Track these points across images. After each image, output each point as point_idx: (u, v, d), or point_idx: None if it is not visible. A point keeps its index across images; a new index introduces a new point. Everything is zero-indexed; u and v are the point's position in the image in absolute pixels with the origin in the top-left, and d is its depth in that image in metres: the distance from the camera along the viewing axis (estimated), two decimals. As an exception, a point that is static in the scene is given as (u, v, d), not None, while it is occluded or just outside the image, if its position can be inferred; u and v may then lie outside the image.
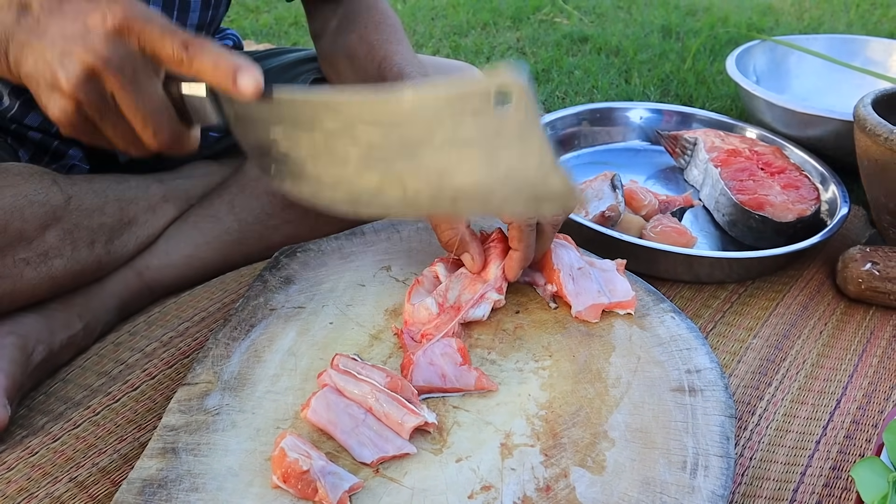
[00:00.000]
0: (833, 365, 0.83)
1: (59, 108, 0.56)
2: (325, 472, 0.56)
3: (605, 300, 0.75)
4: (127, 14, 0.55)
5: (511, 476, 0.59)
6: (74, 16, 0.55)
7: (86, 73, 0.55)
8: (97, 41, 0.54)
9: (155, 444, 0.60)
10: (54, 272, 0.76)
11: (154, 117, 0.57)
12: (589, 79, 1.55)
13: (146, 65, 0.56)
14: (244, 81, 0.55)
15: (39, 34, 0.56)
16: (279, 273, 0.80)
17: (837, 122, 1.11)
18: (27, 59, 0.56)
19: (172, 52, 0.56)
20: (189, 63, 0.56)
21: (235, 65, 0.56)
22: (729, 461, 0.60)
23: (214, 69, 0.56)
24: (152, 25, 0.56)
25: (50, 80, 0.56)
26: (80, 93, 0.55)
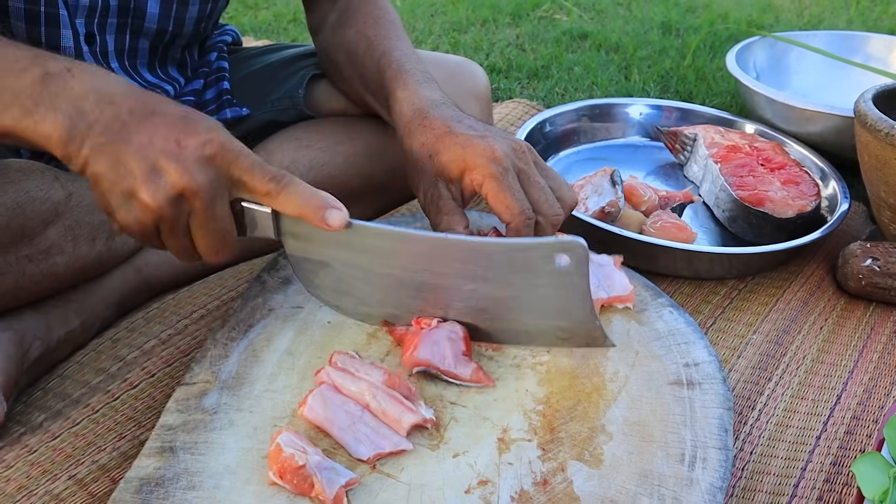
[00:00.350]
0: (833, 361, 0.83)
1: (133, 217, 0.59)
2: (322, 467, 0.56)
3: (604, 294, 0.75)
4: (225, 146, 0.59)
5: (508, 471, 0.59)
6: (167, 132, 0.58)
7: (177, 193, 0.58)
8: (192, 165, 0.57)
9: (153, 444, 0.60)
10: (56, 269, 0.76)
11: (219, 237, 0.61)
12: (588, 75, 1.55)
13: (225, 190, 0.60)
14: (333, 218, 0.61)
15: (125, 139, 0.57)
16: (277, 274, 0.80)
17: (838, 118, 1.10)
18: (103, 161, 0.58)
19: (262, 186, 0.60)
20: (275, 196, 0.60)
21: (326, 203, 0.61)
22: (727, 453, 0.60)
23: (302, 206, 0.61)
24: (244, 158, 0.60)
25: (129, 188, 0.58)
26: (164, 210, 0.58)
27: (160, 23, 0.85)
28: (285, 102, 0.98)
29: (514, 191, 0.69)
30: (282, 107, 0.98)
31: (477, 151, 0.70)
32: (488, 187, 0.70)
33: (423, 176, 0.75)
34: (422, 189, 0.75)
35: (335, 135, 0.96)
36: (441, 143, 0.73)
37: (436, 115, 0.75)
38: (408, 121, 0.76)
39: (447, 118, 0.75)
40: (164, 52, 0.92)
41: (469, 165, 0.71)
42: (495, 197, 0.69)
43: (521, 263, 0.64)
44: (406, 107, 0.77)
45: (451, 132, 0.73)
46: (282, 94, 0.98)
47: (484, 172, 0.70)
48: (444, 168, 0.73)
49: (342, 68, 0.93)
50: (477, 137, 0.72)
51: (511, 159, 0.71)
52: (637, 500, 0.57)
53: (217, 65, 1.00)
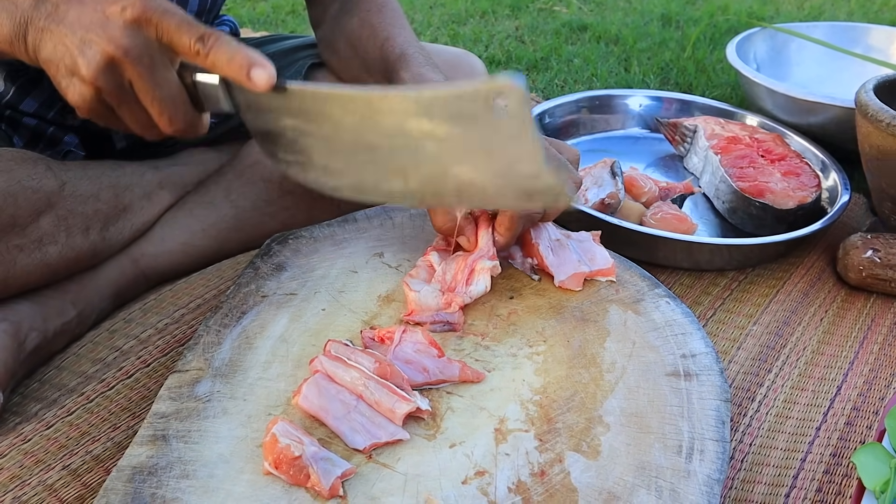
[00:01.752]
0: (833, 352, 0.82)
1: (78, 93, 0.59)
2: (318, 457, 0.56)
3: (586, 268, 0.75)
4: (146, 5, 0.57)
5: (505, 461, 0.58)
6: (94, 4, 0.58)
7: (105, 61, 0.57)
8: (117, 31, 0.57)
9: (145, 432, 0.60)
10: (48, 259, 0.76)
11: (169, 104, 0.60)
12: (588, 67, 1.55)
13: (163, 54, 0.59)
14: (258, 75, 0.58)
15: (58, 20, 0.58)
16: (271, 260, 0.79)
17: (838, 109, 1.10)
18: (46, 44, 0.58)
19: (189, 44, 0.58)
20: (205, 56, 0.58)
21: (250, 59, 0.58)
22: (724, 445, 0.60)
23: (229, 62, 0.58)
24: (170, 17, 0.58)
25: (69, 66, 0.58)
26: (99, 80, 0.57)
27: None
28: None
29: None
30: None
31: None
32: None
33: None
34: None
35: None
36: None
37: None
38: None
39: None
40: None
41: None
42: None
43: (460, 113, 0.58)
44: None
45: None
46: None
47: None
48: None
49: (343, 55, 0.92)
50: None
51: None
52: (635, 491, 0.56)
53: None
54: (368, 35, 0.87)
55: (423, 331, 0.67)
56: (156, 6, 0.58)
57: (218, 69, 0.59)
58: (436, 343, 0.66)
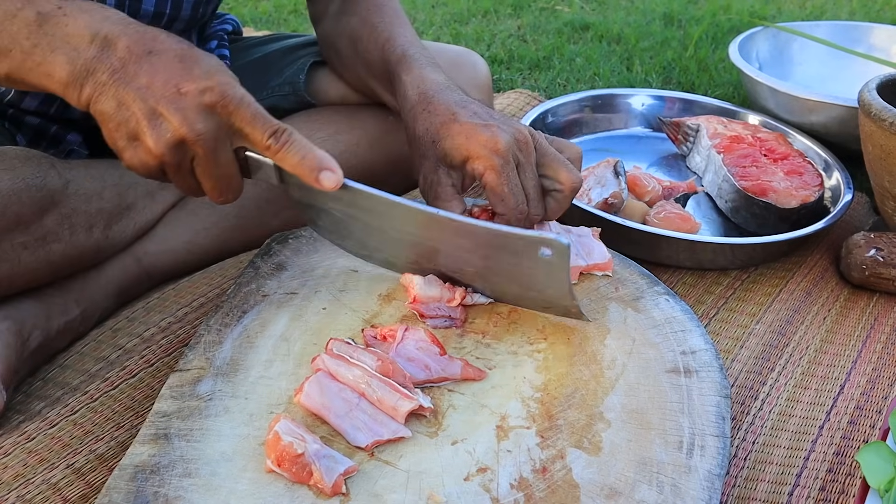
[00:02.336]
0: (837, 351, 0.82)
1: (138, 159, 0.60)
2: (320, 455, 0.56)
3: (583, 262, 0.76)
4: (224, 94, 0.59)
5: (507, 458, 0.58)
6: (167, 75, 0.58)
7: (177, 141, 0.59)
8: (192, 114, 0.58)
9: (147, 431, 0.60)
10: (52, 257, 0.76)
11: (224, 181, 0.63)
12: (590, 66, 1.55)
13: (227, 137, 0.61)
14: (327, 179, 0.62)
15: (125, 81, 0.59)
16: (271, 259, 0.80)
17: (841, 109, 1.10)
18: (108, 101, 0.59)
19: (262, 139, 0.61)
20: (275, 151, 0.61)
21: (321, 162, 0.61)
22: (725, 441, 0.60)
23: (300, 163, 0.61)
24: (245, 108, 0.60)
25: (133, 131, 0.59)
26: (167, 156, 0.59)
27: (158, 5, 0.85)
28: (286, 88, 0.98)
29: (512, 185, 0.71)
30: (282, 93, 0.98)
31: (480, 141, 0.71)
32: (488, 178, 0.71)
33: (424, 161, 0.75)
34: (422, 173, 0.76)
35: (335, 124, 0.96)
36: (445, 130, 0.73)
37: (440, 99, 0.75)
38: (412, 104, 0.77)
39: (452, 103, 0.75)
40: None
41: (472, 154, 0.71)
42: (493, 189, 0.71)
43: (507, 248, 0.65)
44: (411, 90, 0.78)
45: (455, 119, 0.73)
46: (282, 80, 0.98)
47: (486, 164, 0.71)
48: (447, 155, 0.73)
49: (344, 54, 0.92)
50: (481, 126, 0.72)
51: (513, 150, 0.71)
52: (636, 487, 0.56)
53: (218, 53, 1.00)
54: (369, 34, 0.87)
55: (425, 329, 0.68)
56: (233, 95, 0.59)
57: (284, 165, 0.61)
58: (437, 341, 0.66)
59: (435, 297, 0.71)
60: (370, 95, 0.93)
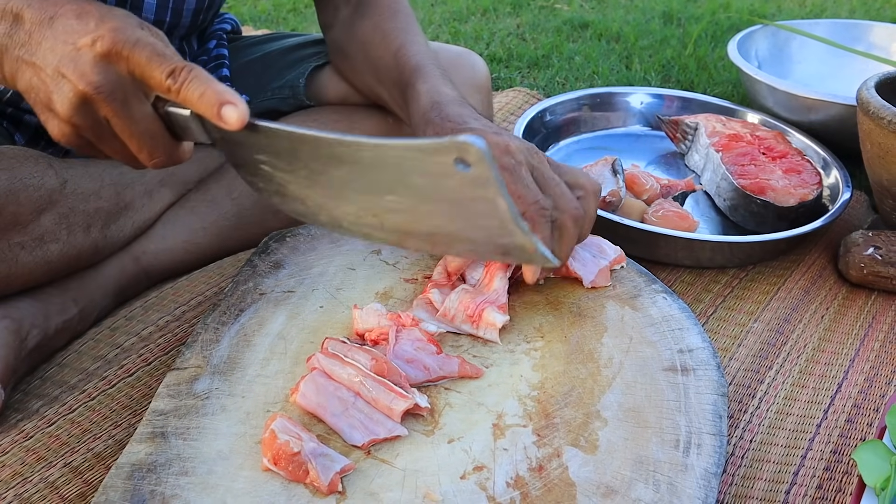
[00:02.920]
0: (835, 349, 0.82)
1: (56, 129, 0.58)
2: (317, 453, 0.56)
3: (605, 262, 0.76)
4: (115, 39, 0.56)
5: (503, 456, 0.58)
6: (65, 35, 0.56)
7: (79, 99, 0.56)
8: (87, 66, 0.55)
9: (144, 429, 0.60)
10: (50, 257, 0.76)
11: (148, 139, 0.59)
12: (589, 65, 1.54)
13: (136, 89, 0.57)
14: (228, 113, 0.56)
15: (32, 50, 0.57)
16: (268, 258, 0.80)
17: (840, 107, 1.10)
18: (23, 75, 0.58)
19: (160, 79, 0.56)
20: (176, 91, 0.57)
21: (220, 96, 0.56)
22: (721, 439, 0.60)
23: (199, 99, 0.56)
24: (140, 50, 0.56)
25: (45, 101, 0.57)
26: (74, 118, 0.57)
27: (158, 13, 0.85)
28: (286, 91, 0.98)
29: (527, 182, 0.68)
30: (282, 95, 0.98)
31: (491, 143, 0.70)
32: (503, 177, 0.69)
33: None
34: None
35: (334, 124, 0.96)
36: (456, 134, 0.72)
37: (452, 110, 0.75)
38: (424, 112, 0.76)
39: (464, 115, 0.75)
40: None
41: None
42: (507, 188, 0.68)
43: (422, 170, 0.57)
44: (425, 99, 0.77)
45: (466, 126, 0.73)
46: (282, 83, 0.98)
47: (498, 163, 0.69)
48: None
49: (355, 59, 0.92)
50: (491, 133, 0.71)
51: (524, 154, 0.70)
52: (632, 485, 0.56)
53: (216, 52, 1.00)
54: (381, 40, 0.87)
55: (420, 328, 0.67)
56: (126, 38, 0.56)
57: (189, 105, 0.57)
58: (433, 339, 0.66)
59: (372, 326, 0.68)
60: (376, 100, 0.93)
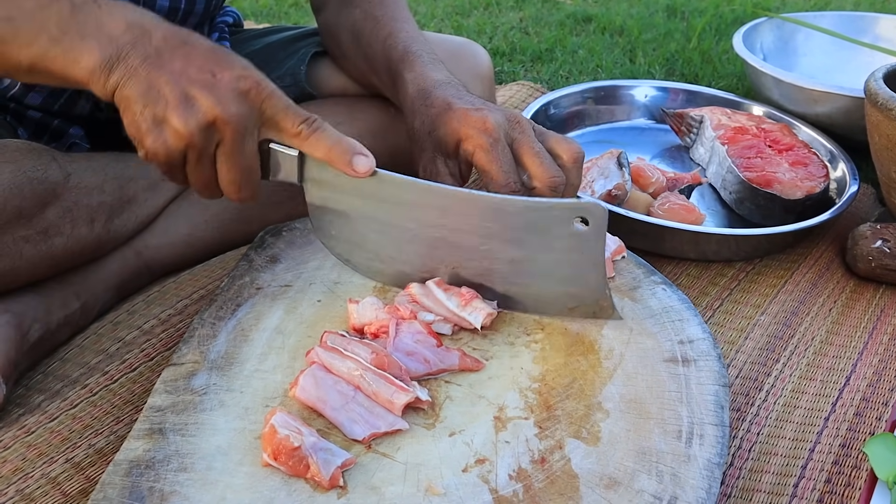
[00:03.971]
0: (842, 342, 0.81)
1: (162, 142, 0.60)
2: (317, 448, 0.55)
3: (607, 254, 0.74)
4: (258, 81, 0.60)
5: (505, 449, 0.58)
6: (202, 63, 0.59)
7: (209, 122, 0.59)
8: (226, 97, 0.59)
9: (141, 425, 0.59)
10: (54, 250, 0.76)
11: (244, 173, 0.62)
12: (593, 58, 1.54)
13: (255, 126, 0.61)
14: (360, 164, 0.62)
15: (158, 66, 0.59)
16: (265, 252, 0.79)
17: (847, 99, 1.09)
18: (136, 85, 0.59)
19: (292, 124, 0.61)
20: (306, 137, 0.62)
21: (353, 148, 0.62)
22: (724, 430, 0.59)
23: (331, 149, 0.62)
24: (278, 98, 0.61)
25: (160, 115, 0.59)
26: (195, 137, 0.59)
27: (172, 0, 0.85)
28: (287, 80, 0.97)
29: (502, 162, 0.70)
30: (283, 84, 0.97)
31: (470, 122, 0.71)
32: (478, 157, 0.70)
33: (423, 153, 0.75)
34: (421, 166, 0.75)
35: (336, 115, 0.95)
36: (439, 119, 0.73)
37: (438, 93, 0.76)
38: (412, 101, 0.77)
39: (449, 96, 0.75)
40: None
41: (462, 136, 0.72)
42: (483, 167, 0.71)
43: (539, 224, 0.64)
44: (411, 87, 0.78)
45: (449, 108, 0.73)
46: (283, 71, 0.97)
47: (475, 143, 0.70)
48: (441, 142, 0.73)
49: (346, 48, 0.92)
50: (472, 110, 0.72)
51: (504, 129, 0.71)
52: (636, 476, 0.56)
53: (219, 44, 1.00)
54: (371, 28, 0.86)
55: (420, 321, 0.67)
56: (268, 85, 0.61)
57: (318, 152, 0.62)
58: (433, 332, 0.66)
59: (370, 320, 0.68)
60: (371, 88, 0.93)
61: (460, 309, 0.67)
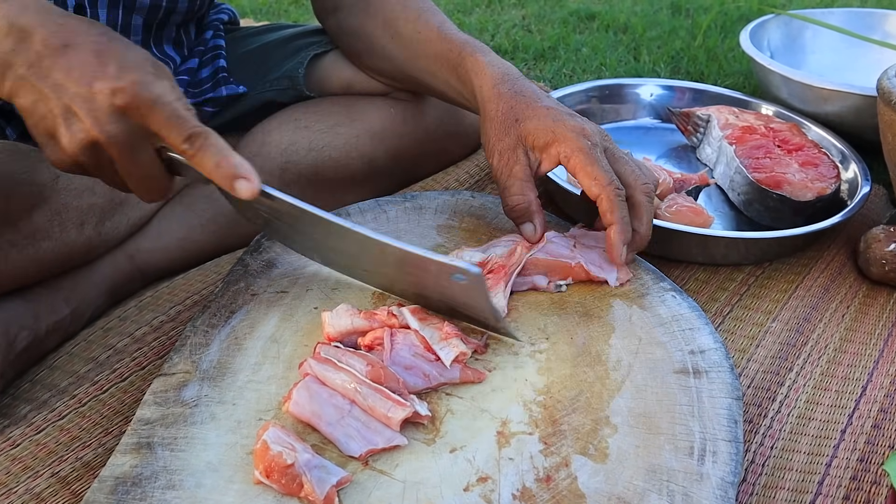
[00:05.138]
0: (857, 350, 0.78)
1: (57, 157, 0.59)
2: (311, 465, 0.53)
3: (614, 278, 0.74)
4: (136, 95, 0.56)
5: (509, 466, 0.55)
6: (81, 71, 0.56)
7: (90, 142, 0.57)
8: (103, 115, 0.56)
9: (129, 440, 0.57)
10: (42, 255, 0.74)
11: (147, 181, 0.60)
12: (597, 56, 1.51)
13: (144, 138, 0.58)
14: (241, 187, 0.58)
15: (41, 76, 0.56)
16: (260, 256, 0.77)
17: (858, 98, 1.06)
18: (26, 96, 0.57)
19: (176, 142, 0.58)
20: (191, 156, 0.58)
21: (235, 170, 0.58)
22: (738, 446, 0.57)
23: (215, 169, 0.58)
24: (159, 111, 0.57)
25: (49, 129, 0.57)
26: (79, 156, 0.57)
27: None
28: (284, 82, 0.96)
29: (604, 164, 0.71)
30: (281, 86, 0.96)
31: (567, 126, 0.72)
32: (577, 160, 0.70)
33: (503, 138, 0.75)
34: (498, 151, 0.75)
35: (335, 115, 0.93)
36: (530, 111, 0.74)
37: (525, 86, 0.77)
38: (494, 83, 0.77)
39: (535, 91, 0.77)
40: (159, 30, 0.90)
41: (559, 138, 0.72)
42: (584, 170, 0.70)
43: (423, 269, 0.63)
44: (492, 70, 0.78)
45: (540, 103, 0.75)
46: (281, 73, 0.96)
47: (574, 146, 0.71)
48: (530, 134, 0.73)
49: (377, 42, 0.90)
50: (565, 114, 0.74)
51: (598, 136, 0.72)
52: (646, 496, 0.53)
53: (213, 43, 0.98)
54: (416, 17, 0.86)
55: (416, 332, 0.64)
56: (146, 97, 0.56)
57: (203, 171, 0.58)
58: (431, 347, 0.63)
59: (345, 328, 0.65)
60: (405, 82, 0.92)
61: (435, 342, 0.64)
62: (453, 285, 0.62)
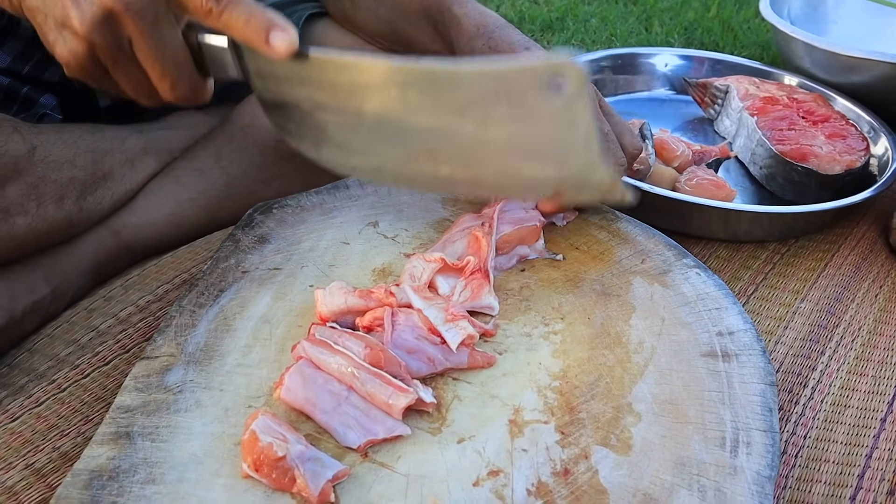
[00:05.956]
0: (893, 332, 0.74)
1: (68, 49, 0.55)
2: (305, 458, 0.48)
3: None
4: None
5: (523, 458, 0.51)
6: None
7: (104, 15, 0.53)
8: None
9: (106, 429, 0.53)
10: (16, 231, 0.70)
11: (172, 67, 0.56)
12: (606, 27, 1.46)
13: (168, 11, 0.54)
14: (278, 40, 0.53)
15: None
16: (253, 231, 0.72)
17: (887, 66, 1.00)
18: None
19: (201, 2, 0.53)
20: (217, 15, 0.53)
21: (270, 22, 0.53)
22: (774, 436, 0.52)
23: (245, 24, 0.53)
24: None
25: (60, 17, 0.54)
26: (93, 35, 0.53)
27: None
28: None
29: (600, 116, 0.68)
30: None
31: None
32: None
33: None
34: None
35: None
36: None
37: (502, 35, 0.72)
38: (470, 38, 0.73)
39: (514, 42, 0.72)
40: None
41: None
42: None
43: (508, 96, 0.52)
44: (466, 22, 0.74)
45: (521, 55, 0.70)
46: None
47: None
48: None
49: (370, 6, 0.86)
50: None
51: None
52: (674, 492, 0.48)
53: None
54: None
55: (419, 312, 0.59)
56: None
57: (232, 31, 0.54)
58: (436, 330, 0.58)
59: (339, 308, 0.60)
60: (393, 40, 0.87)
61: (440, 323, 0.59)
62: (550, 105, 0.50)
